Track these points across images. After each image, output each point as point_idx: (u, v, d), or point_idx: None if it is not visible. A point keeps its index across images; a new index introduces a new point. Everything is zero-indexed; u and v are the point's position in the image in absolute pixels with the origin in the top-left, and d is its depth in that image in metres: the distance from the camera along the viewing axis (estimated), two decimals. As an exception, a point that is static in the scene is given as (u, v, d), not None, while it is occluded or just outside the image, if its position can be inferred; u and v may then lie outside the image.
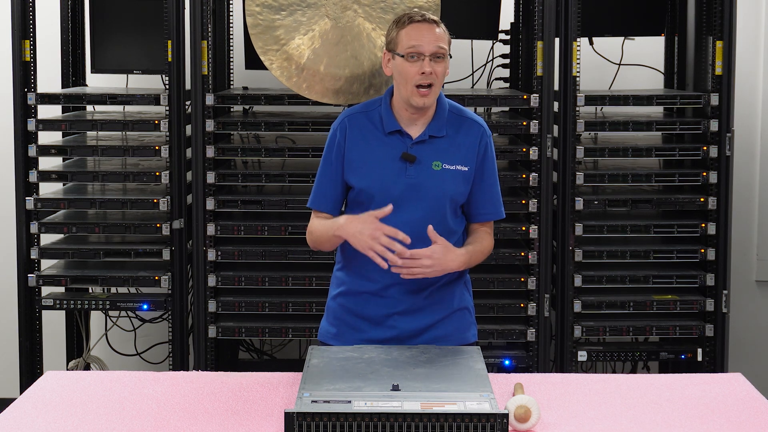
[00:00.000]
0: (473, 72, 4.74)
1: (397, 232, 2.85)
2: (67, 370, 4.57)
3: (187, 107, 4.27)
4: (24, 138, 4.26)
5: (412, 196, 2.97)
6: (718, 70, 4.19)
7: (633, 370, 4.78)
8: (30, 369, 4.35)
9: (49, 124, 4.31)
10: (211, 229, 4.21)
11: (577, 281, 4.21)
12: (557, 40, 4.19)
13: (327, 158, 3.06)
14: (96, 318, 4.95)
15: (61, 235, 4.46)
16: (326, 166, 3.05)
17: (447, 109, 3.04)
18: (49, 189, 4.45)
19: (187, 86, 4.28)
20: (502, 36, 4.67)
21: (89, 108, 4.76)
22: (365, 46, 3.39)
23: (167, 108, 4.23)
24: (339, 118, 3.08)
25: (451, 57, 3.00)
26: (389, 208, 2.88)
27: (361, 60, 3.40)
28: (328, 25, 3.38)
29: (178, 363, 4.32)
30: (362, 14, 3.40)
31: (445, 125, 3.01)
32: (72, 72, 4.75)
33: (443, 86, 4.35)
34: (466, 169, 3.00)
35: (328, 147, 3.06)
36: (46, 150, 4.28)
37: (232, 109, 4.64)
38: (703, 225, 4.22)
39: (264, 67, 3.84)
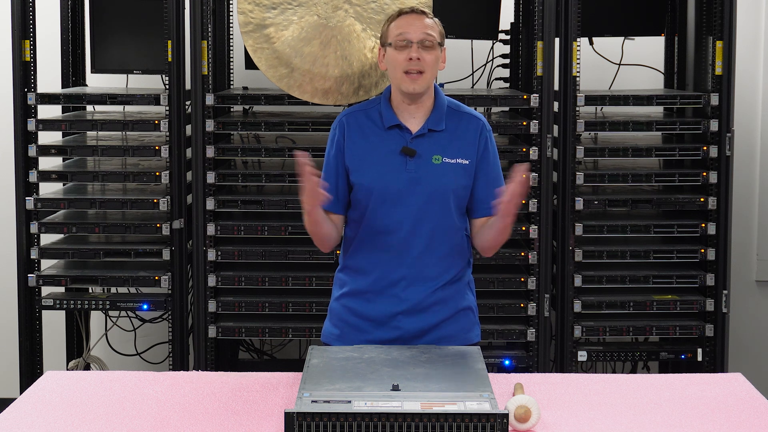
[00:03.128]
0: (473, 72, 4.74)
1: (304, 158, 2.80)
2: (67, 370, 4.58)
3: (187, 107, 4.27)
4: (24, 138, 4.26)
5: (413, 190, 2.97)
6: (718, 70, 4.19)
7: (633, 370, 4.77)
8: (30, 369, 4.35)
9: (49, 124, 4.31)
10: (211, 229, 4.21)
11: (577, 281, 4.21)
12: (557, 40, 4.19)
13: (327, 158, 3.06)
14: (96, 318, 4.95)
15: (61, 235, 4.46)
16: (327, 165, 3.06)
17: (445, 104, 3.04)
18: (49, 189, 4.45)
19: (187, 86, 4.28)
20: (502, 36, 4.67)
21: (89, 108, 4.76)
22: (355, 47, 3.39)
23: (167, 108, 4.23)
24: (338, 118, 3.08)
25: (442, 46, 2.99)
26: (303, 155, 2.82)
27: (351, 60, 3.40)
28: (319, 25, 3.38)
29: (178, 363, 4.33)
30: (353, 14, 3.40)
31: (444, 119, 3.02)
32: (72, 72, 4.76)
33: (443, 86, 4.40)
34: (466, 162, 3.00)
35: (328, 147, 3.06)
36: (46, 150, 4.28)
37: (232, 109, 4.64)
38: (703, 225, 4.22)
39: (264, 67, 3.84)
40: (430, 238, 2.99)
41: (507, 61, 4.71)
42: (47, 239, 4.42)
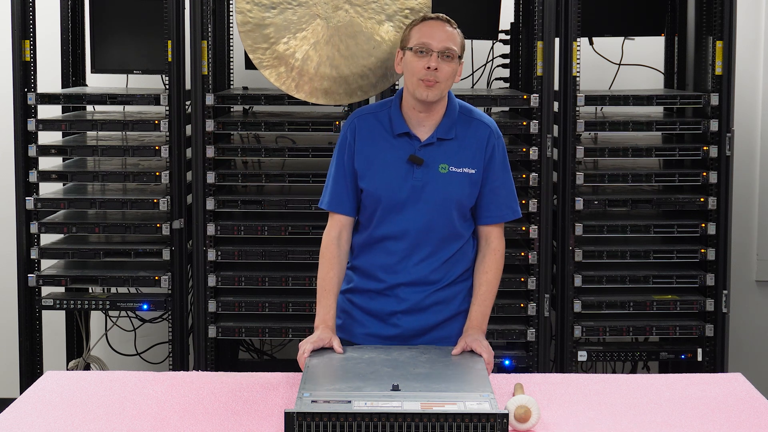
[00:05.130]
0: (473, 72, 4.74)
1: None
2: (67, 370, 4.58)
3: (187, 107, 4.27)
4: (24, 138, 4.26)
5: (418, 198, 2.96)
6: (718, 70, 4.19)
7: (633, 370, 4.77)
8: (30, 369, 4.35)
9: (49, 124, 4.31)
10: (211, 229, 4.21)
11: (577, 281, 4.21)
12: (557, 40, 4.19)
13: (340, 160, 3.03)
14: (96, 318, 4.95)
15: (61, 235, 4.46)
16: (340, 167, 3.03)
17: (457, 111, 3.02)
18: (49, 189, 4.45)
19: (187, 86, 4.28)
20: (502, 36, 4.67)
21: (89, 108, 4.76)
22: (356, 47, 3.38)
23: (167, 108, 4.23)
24: (349, 119, 3.07)
25: (461, 59, 2.99)
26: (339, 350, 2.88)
27: (351, 61, 3.38)
28: (319, 25, 3.37)
29: (178, 363, 4.33)
30: (354, 14, 3.39)
31: (454, 127, 3.00)
32: (72, 72, 4.75)
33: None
34: (473, 171, 2.99)
35: (339, 148, 3.04)
36: (46, 150, 4.28)
37: (232, 109, 4.64)
38: (703, 225, 4.22)
39: (264, 67, 3.84)
40: (434, 246, 2.99)
41: (507, 61, 4.71)
42: (47, 239, 4.43)
